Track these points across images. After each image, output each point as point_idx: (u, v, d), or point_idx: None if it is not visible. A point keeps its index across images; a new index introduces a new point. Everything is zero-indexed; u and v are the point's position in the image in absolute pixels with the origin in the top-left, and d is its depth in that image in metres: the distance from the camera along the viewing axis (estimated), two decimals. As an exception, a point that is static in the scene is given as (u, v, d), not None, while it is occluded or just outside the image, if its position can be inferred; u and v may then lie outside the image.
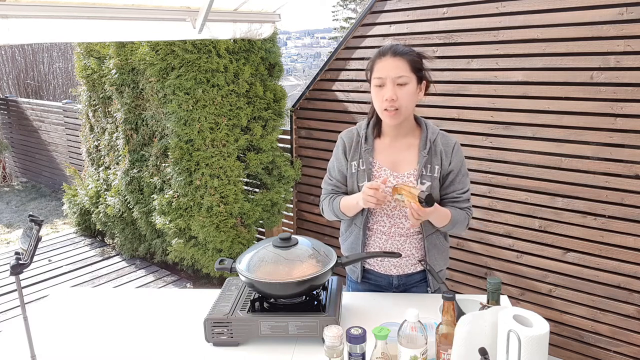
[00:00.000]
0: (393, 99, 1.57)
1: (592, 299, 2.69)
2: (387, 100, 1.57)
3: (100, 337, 1.56)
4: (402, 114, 1.61)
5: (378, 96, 1.61)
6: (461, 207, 1.69)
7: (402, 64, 1.58)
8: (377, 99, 1.62)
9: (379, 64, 1.61)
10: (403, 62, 1.58)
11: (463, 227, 1.70)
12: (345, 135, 1.76)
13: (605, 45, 2.44)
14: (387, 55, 1.60)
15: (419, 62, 1.62)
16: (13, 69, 9.33)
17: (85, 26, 2.17)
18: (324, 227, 3.79)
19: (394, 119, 1.61)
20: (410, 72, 1.58)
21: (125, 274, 4.12)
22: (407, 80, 1.58)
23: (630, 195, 2.49)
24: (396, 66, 1.57)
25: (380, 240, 1.73)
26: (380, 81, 1.59)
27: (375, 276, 1.80)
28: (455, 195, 1.69)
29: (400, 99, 1.57)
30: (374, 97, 1.64)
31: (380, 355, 1.19)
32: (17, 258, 1.27)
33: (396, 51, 1.60)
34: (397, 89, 1.57)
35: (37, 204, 6.33)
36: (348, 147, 1.73)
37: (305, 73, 29.68)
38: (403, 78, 1.57)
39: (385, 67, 1.59)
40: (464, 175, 1.70)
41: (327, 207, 1.79)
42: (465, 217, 1.69)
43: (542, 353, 1.10)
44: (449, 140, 1.69)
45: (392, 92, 1.57)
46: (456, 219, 1.65)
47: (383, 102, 1.59)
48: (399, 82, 1.57)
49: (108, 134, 4.28)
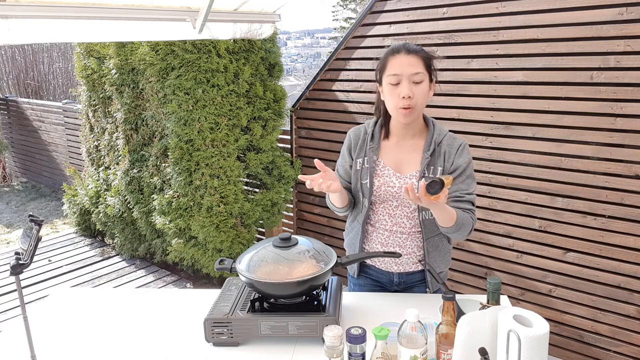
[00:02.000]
0: (410, 97, 1.54)
1: (592, 299, 2.69)
2: (404, 98, 1.54)
3: (100, 337, 1.56)
4: (416, 112, 1.59)
5: (393, 94, 1.57)
6: (464, 207, 1.60)
7: (417, 61, 1.56)
8: (391, 96, 1.58)
9: (393, 61, 1.57)
10: (418, 59, 1.56)
11: (466, 232, 1.60)
12: (352, 132, 1.76)
13: (605, 45, 2.44)
14: (402, 52, 1.57)
15: (430, 60, 1.60)
16: (13, 69, 9.33)
17: (85, 26, 2.17)
18: (324, 227, 3.79)
19: (408, 117, 1.58)
20: (424, 70, 1.57)
21: (125, 274, 4.12)
22: (423, 78, 1.56)
23: (630, 195, 2.49)
24: (412, 63, 1.55)
25: (382, 236, 1.72)
26: (396, 78, 1.55)
27: (377, 272, 1.80)
28: (458, 195, 1.62)
29: (416, 97, 1.55)
30: (388, 95, 1.59)
31: (380, 355, 1.19)
32: (17, 258, 1.27)
33: (410, 49, 1.57)
34: (413, 86, 1.55)
35: (37, 204, 6.33)
36: (354, 145, 1.73)
37: (305, 73, 29.69)
38: (419, 75, 1.55)
39: (401, 64, 1.55)
40: (468, 177, 1.64)
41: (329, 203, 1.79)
42: (469, 222, 1.60)
43: (542, 353, 1.10)
44: (454, 142, 1.65)
45: (408, 89, 1.54)
46: (461, 221, 1.56)
47: (400, 100, 1.55)
48: (414, 79, 1.54)
49: (108, 134, 4.28)
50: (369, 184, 1.67)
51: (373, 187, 1.67)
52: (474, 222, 1.63)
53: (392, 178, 1.66)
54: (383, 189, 1.66)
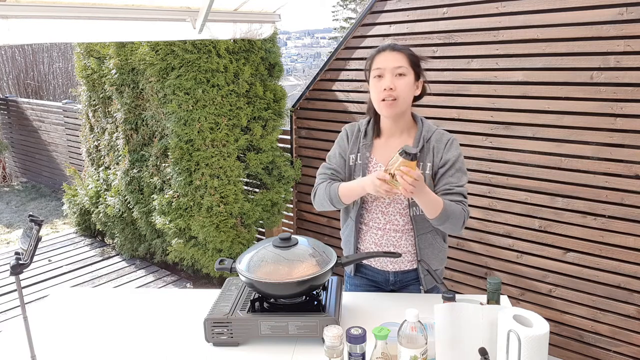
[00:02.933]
0: (391, 88, 1.59)
1: (592, 299, 2.69)
2: (385, 90, 1.59)
3: (100, 337, 1.56)
4: (399, 105, 1.62)
5: (376, 87, 1.62)
6: (454, 199, 1.59)
7: (401, 57, 1.62)
8: (375, 89, 1.64)
9: (378, 57, 1.64)
10: (402, 56, 1.63)
11: (459, 223, 1.59)
12: (348, 127, 1.81)
13: (605, 45, 2.44)
14: (386, 50, 1.64)
15: (416, 58, 1.66)
16: (13, 69, 9.33)
17: (85, 26, 2.17)
18: (324, 227, 3.79)
19: (391, 109, 1.61)
20: (408, 65, 1.62)
21: (125, 274, 4.12)
22: (406, 72, 1.61)
23: (630, 195, 2.49)
24: (395, 59, 1.61)
25: (375, 236, 1.73)
26: (379, 71, 1.62)
27: (372, 272, 1.81)
28: (447, 187, 1.61)
29: (399, 89, 1.59)
30: (372, 88, 1.65)
31: (380, 355, 1.19)
32: (17, 258, 1.27)
33: (395, 47, 1.65)
34: (396, 79, 1.60)
35: (37, 204, 6.33)
36: (349, 138, 1.77)
37: (305, 73, 29.70)
38: (402, 69, 1.60)
39: (385, 59, 1.62)
40: (458, 170, 1.64)
41: (322, 192, 1.71)
42: (460, 212, 1.58)
43: (542, 353, 1.10)
44: (443, 137, 1.67)
45: (390, 81, 1.59)
46: (449, 210, 1.54)
47: (381, 92, 1.60)
48: (398, 72, 1.60)
49: (108, 134, 4.28)
50: None
51: None
52: (466, 212, 1.61)
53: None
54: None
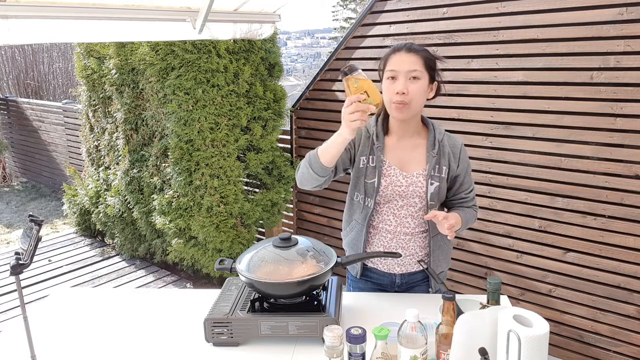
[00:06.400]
0: (404, 93, 1.56)
1: (592, 299, 2.69)
2: (397, 94, 1.56)
3: (100, 337, 1.56)
4: (411, 110, 1.59)
5: (389, 89, 1.59)
6: (468, 205, 1.75)
7: (416, 59, 1.57)
8: (388, 92, 1.60)
9: (393, 58, 1.60)
10: (417, 57, 1.58)
11: (471, 225, 1.77)
12: None
13: (605, 45, 2.44)
14: (402, 50, 1.60)
15: (432, 61, 1.62)
16: (13, 69, 9.33)
17: (85, 26, 2.17)
18: (324, 227, 3.79)
19: (402, 112, 1.59)
20: (423, 69, 1.58)
21: (125, 274, 4.12)
22: (420, 76, 1.57)
23: (630, 195, 2.49)
24: (410, 61, 1.57)
25: (385, 238, 1.72)
26: (393, 73, 1.58)
27: (378, 275, 1.79)
28: (463, 196, 1.74)
29: (412, 93, 1.57)
30: (385, 90, 1.62)
31: (380, 355, 1.19)
32: (17, 258, 1.27)
33: (410, 48, 1.60)
34: (409, 83, 1.57)
35: (37, 204, 6.33)
36: (357, 139, 1.71)
37: (305, 73, 29.70)
38: (416, 72, 1.56)
39: (399, 60, 1.58)
40: (469, 174, 1.75)
41: (303, 163, 1.63)
42: (473, 216, 1.76)
43: (542, 353, 1.10)
44: (455, 142, 1.71)
45: (403, 85, 1.56)
46: (468, 222, 1.72)
47: (394, 95, 1.57)
48: (412, 75, 1.56)
49: (108, 134, 4.28)
50: (377, 183, 1.66)
51: (380, 186, 1.67)
52: (476, 213, 1.79)
53: (398, 177, 1.66)
54: (390, 189, 1.66)
